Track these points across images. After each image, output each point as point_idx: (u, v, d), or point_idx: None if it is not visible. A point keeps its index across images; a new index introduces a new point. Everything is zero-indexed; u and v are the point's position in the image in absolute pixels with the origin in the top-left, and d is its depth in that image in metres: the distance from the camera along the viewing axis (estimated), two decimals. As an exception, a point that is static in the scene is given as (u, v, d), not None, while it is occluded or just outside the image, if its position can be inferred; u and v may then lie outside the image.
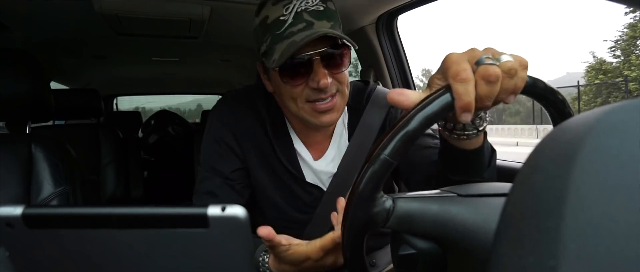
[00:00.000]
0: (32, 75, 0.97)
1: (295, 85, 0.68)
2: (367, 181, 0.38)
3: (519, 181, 0.24)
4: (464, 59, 0.39)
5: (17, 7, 1.30)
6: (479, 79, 0.38)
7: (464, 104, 0.38)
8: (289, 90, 0.68)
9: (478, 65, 0.38)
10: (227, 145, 0.78)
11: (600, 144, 0.19)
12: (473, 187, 0.44)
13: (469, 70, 0.38)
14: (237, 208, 0.25)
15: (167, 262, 0.28)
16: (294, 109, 0.71)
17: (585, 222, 0.18)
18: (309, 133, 0.80)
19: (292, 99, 0.70)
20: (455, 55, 0.40)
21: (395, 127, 0.38)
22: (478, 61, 0.39)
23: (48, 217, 0.26)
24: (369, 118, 0.80)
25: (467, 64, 0.39)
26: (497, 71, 0.38)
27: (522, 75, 0.40)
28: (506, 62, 0.39)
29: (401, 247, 0.41)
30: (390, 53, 1.46)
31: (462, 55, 0.40)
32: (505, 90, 0.40)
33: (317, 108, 0.69)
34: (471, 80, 0.38)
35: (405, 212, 0.40)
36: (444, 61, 0.41)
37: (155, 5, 1.35)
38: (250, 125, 0.78)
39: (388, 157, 0.37)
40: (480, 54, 0.40)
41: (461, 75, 0.38)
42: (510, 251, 0.21)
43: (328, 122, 0.70)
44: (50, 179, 0.93)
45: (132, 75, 3.04)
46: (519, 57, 0.40)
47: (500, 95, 0.40)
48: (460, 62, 0.39)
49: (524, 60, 0.40)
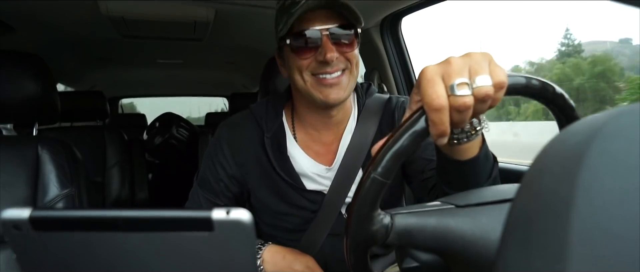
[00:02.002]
0: (40, 78, 0.98)
1: (303, 58, 0.70)
2: (361, 202, 0.38)
3: (526, 184, 0.24)
4: (438, 80, 0.38)
5: (24, 10, 1.32)
6: (451, 107, 0.37)
7: (439, 132, 0.37)
8: (297, 62, 0.71)
9: (451, 91, 0.37)
10: (220, 162, 0.80)
11: (607, 147, 0.19)
12: (472, 194, 0.43)
13: (442, 97, 0.37)
14: (242, 212, 0.25)
15: (172, 265, 0.28)
16: (300, 84, 0.72)
17: (592, 226, 0.17)
18: (320, 133, 0.80)
19: (299, 72, 0.72)
20: (430, 73, 0.38)
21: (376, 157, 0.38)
22: (451, 87, 0.37)
23: (55, 220, 0.26)
24: (366, 119, 0.81)
25: (442, 86, 0.37)
26: (468, 102, 0.37)
27: (497, 97, 0.38)
28: (480, 89, 0.37)
29: (405, 260, 0.41)
30: (394, 55, 1.46)
31: (437, 72, 0.38)
32: (478, 112, 0.39)
33: (323, 82, 0.70)
34: (445, 109, 0.37)
35: (403, 228, 0.40)
36: (419, 78, 0.39)
37: (161, 7, 1.36)
38: (250, 141, 0.80)
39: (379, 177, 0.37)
40: (454, 74, 0.37)
41: (434, 103, 0.36)
42: (517, 255, 0.21)
43: (334, 99, 0.71)
44: (56, 181, 0.94)
45: (137, 78, 3.06)
46: (498, 73, 0.38)
47: (473, 115, 0.39)
48: (434, 83, 0.37)
49: (501, 80, 0.38)
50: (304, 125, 0.81)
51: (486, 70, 0.38)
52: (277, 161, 0.77)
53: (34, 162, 0.93)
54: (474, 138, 0.47)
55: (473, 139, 0.47)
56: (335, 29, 0.69)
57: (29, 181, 0.92)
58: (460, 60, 0.39)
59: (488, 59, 0.39)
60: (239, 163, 0.79)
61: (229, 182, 0.80)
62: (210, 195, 0.80)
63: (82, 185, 0.99)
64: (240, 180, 0.80)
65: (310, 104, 0.77)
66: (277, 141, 0.79)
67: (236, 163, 0.79)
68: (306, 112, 0.79)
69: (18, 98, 0.93)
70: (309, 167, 0.79)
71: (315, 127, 0.80)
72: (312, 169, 0.79)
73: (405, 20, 1.44)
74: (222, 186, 0.80)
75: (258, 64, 1.39)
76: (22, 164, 0.92)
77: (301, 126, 0.82)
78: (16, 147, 0.94)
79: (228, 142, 0.80)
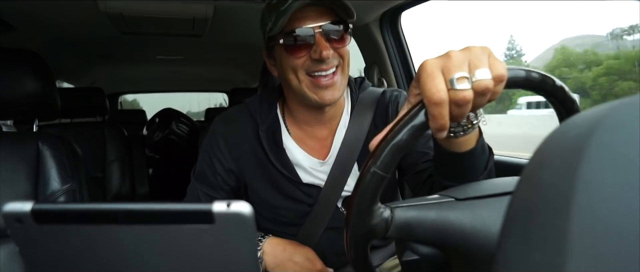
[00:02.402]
0: (40, 75, 0.98)
1: (297, 57, 0.70)
2: (362, 196, 0.38)
3: (525, 177, 0.24)
4: (438, 74, 0.38)
5: (24, 8, 1.31)
6: (451, 101, 0.37)
7: (438, 126, 0.38)
8: (292, 61, 0.70)
9: (450, 85, 0.37)
10: (216, 156, 0.80)
11: (607, 141, 0.19)
12: (471, 187, 0.43)
13: (442, 91, 0.37)
14: (243, 204, 0.25)
15: (172, 257, 0.28)
16: (294, 84, 0.72)
17: (592, 219, 0.17)
18: (314, 129, 0.81)
19: (293, 72, 0.71)
20: (429, 67, 0.38)
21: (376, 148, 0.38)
22: (451, 80, 0.37)
23: (56, 213, 0.26)
24: (360, 114, 0.81)
25: (441, 80, 0.37)
26: (468, 96, 0.37)
27: (496, 90, 0.38)
28: (480, 83, 0.37)
29: (405, 253, 0.41)
30: (394, 50, 1.46)
31: (437, 66, 0.38)
32: (477, 106, 0.39)
33: (318, 83, 0.70)
34: (445, 103, 0.37)
35: (403, 221, 0.40)
36: (419, 71, 0.39)
37: (160, 4, 1.36)
38: (245, 135, 0.80)
39: (379, 171, 0.37)
40: (454, 68, 0.37)
41: (434, 97, 0.36)
42: (516, 248, 0.21)
43: (329, 99, 0.72)
44: (57, 177, 0.94)
45: (137, 74, 3.05)
46: (497, 67, 0.38)
47: (473, 108, 0.39)
48: (434, 77, 0.37)
49: (500, 73, 0.38)
50: (296, 122, 0.82)
51: (486, 63, 0.38)
52: (272, 153, 0.77)
53: (35, 158, 0.93)
54: (471, 131, 0.47)
55: (470, 133, 0.47)
56: (328, 26, 0.69)
57: (30, 176, 0.92)
58: (460, 54, 0.39)
59: (487, 52, 0.39)
60: (235, 157, 0.80)
61: (226, 175, 0.80)
62: (208, 189, 0.81)
63: (83, 180, 0.99)
64: (236, 173, 0.81)
65: (302, 102, 0.77)
66: (272, 133, 0.79)
67: (232, 157, 0.80)
68: (298, 110, 0.80)
69: (18, 95, 0.94)
70: (303, 161, 0.79)
71: (308, 123, 0.81)
72: (306, 162, 0.79)
73: (405, 15, 1.43)
74: (219, 179, 0.80)
75: (257, 59, 1.38)
76: (22, 160, 0.92)
77: (294, 122, 0.82)
78: (17, 143, 0.94)
79: (224, 136, 0.80)
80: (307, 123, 0.81)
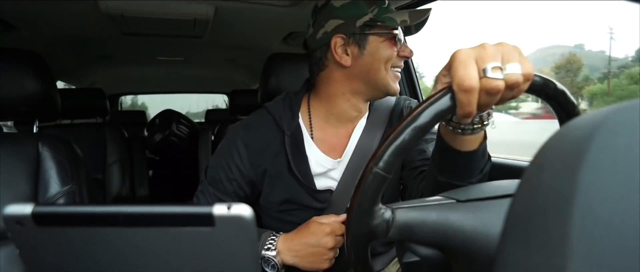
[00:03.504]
0: (40, 75, 0.98)
1: (394, 50, 0.75)
2: (363, 195, 0.38)
3: (526, 179, 0.24)
4: (471, 62, 0.39)
5: (23, 7, 1.31)
6: (481, 89, 0.38)
7: (466, 112, 0.39)
8: (390, 53, 0.75)
9: (484, 73, 0.38)
10: (235, 163, 0.79)
11: (608, 143, 0.19)
12: (473, 190, 0.44)
13: (474, 78, 0.38)
14: (243, 207, 0.25)
15: (173, 260, 0.28)
16: (381, 74, 0.75)
17: (593, 222, 0.17)
18: (337, 129, 0.82)
19: (386, 62, 0.75)
20: (463, 55, 0.39)
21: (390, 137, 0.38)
22: (484, 70, 0.38)
23: (57, 215, 0.26)
24: (376, 119, 0.84)
25: (474, 68, 0.38)
26: (500, 86, 0.38)
27: (523, 88, 0.40)
28: (511, 76, 0.39)
29: (405, 254, 0.41)
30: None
31: (470, 55, 0.39)
32: (503, 100, 0.40)
33: (396, 76, 0.78)
34: (475, 91, 0.38)
35: (404, 222, 0.40)
36: (451, 58, 0.40)
37: (160, 5, 1.36)
38: (268, 142, 0.80)
39: (381, 171, 0.38)
40: (488, 59, 0.39)
41: (466, 84, 0.38)
42: (517, 251, 0.21)
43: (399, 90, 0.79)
44: (57, 178, 0.94)
45: (137, 75, 3.05)
46: (526, 65, 0.39)
47: (499, 101, 0.40)
48: (467, 64, 0.38)
49: (529, 71, 0.40)
50: (321, 121, 0.82)
51: (517, 59, 0.39)
52: (294, 160, 0.78)
53: (35, 159, 0.93)
54: (479, 131, 0.49)
55: (478, 132, 0.49)
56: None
57: (30, 178, 0.92)
58: (494, 47, 0.40)
59: (518, 51, 0.41)
60: (254, 165, 0.79)
61: (242, 182, 0.80)
62: (222, 194, 0.81)
63: (83, 182, 0.99)
64: (254, 181, 0.81)
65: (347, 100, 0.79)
66: (295, 140, 0.79)
67: (251, 164, 0.79)
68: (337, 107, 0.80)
69: (18, 95, 0.93)
70: (320, 161, 0.80)
71: (339, 119, 0.82)
72: (323, 161, 0.80)
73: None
74: (235, 185, 0.80)
75: (258, 61, 1.38)
76: (22, 161, 0.92)
77: (319, 122, 0.82)
78: (17, 144, 0.94)
79: (245, 143, 0.80)
80: (337, 118, 0.82)
